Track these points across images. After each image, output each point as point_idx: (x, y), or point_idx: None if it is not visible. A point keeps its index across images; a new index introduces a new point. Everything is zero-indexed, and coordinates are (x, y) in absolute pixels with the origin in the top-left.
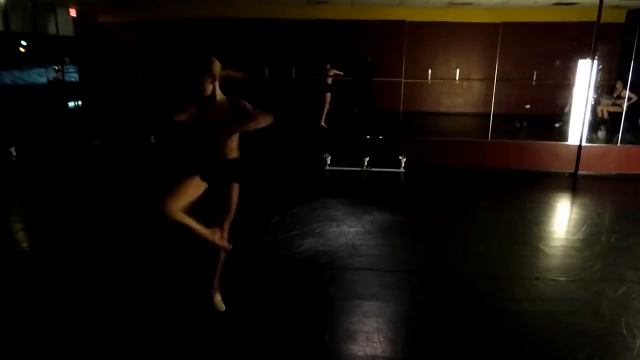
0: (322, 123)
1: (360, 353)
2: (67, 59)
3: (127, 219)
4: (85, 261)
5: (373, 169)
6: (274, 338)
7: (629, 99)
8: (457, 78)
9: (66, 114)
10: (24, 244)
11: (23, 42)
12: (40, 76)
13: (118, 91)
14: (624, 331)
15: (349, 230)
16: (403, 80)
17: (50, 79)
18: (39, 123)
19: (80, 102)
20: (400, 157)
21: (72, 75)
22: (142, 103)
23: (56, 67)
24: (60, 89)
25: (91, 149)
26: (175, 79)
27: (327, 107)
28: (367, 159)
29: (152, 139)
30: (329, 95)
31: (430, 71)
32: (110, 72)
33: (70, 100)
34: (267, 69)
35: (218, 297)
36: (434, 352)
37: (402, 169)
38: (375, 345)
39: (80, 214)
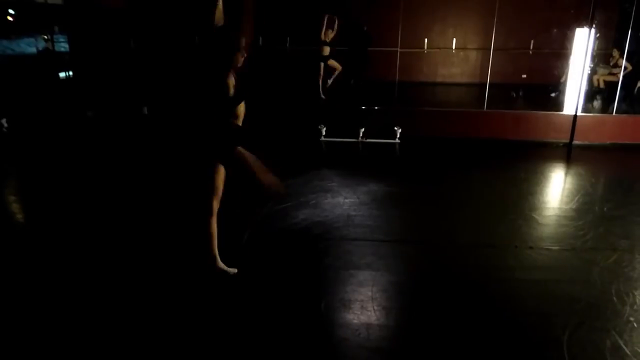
0: (322, 94)
1: (355, 321)
2: (56, 28)
3: (120, 192)
4: (78, 236)
5: (368, 140)
6: (270, 307)
7: (625, 68)
8: (453, 47)
9: (57, 85)
10: (16, 217)
11: (11, 11)
12: (29, 46)
13: (110, 61)
14: (614, 298)
15: (344, 201)
16: (399, 50)
17: (40, 48)
18: (29, 94)
19: (71, 73)
20: (395, 128)
21: (63, 45)
22: (135, 73)
23: (45, 37)
24: (50, 59)
25: (84, 121)
26: (168, 48)
27: (320, 77)
28: (363, 129)
29: (145, 110)
30: (322, 65)
31: (426, 40)
32: (102, 42)
33: (61, 71)
34: (260, 39)
35: (221, 264)
36: (428, 320)
37: (397, 140)
38: (369, 313)
39: (73, 186)
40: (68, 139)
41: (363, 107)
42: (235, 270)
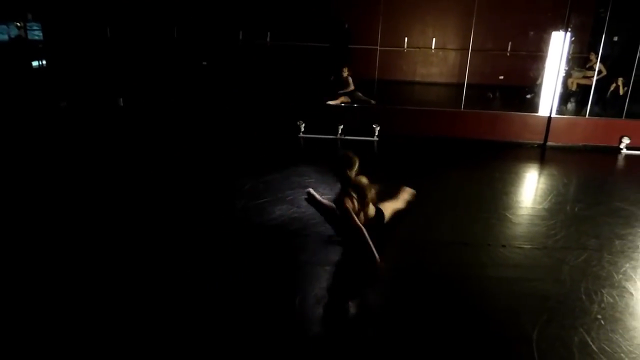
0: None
1: (330, 317)
2: (30, 16)
3: (94, 183)
4: (50, 229)
5: (347, 137)
6: (245, 302)
7: (599, 72)
8: (433, 47)
9: (30, 74)
10: None
11: None
12: (1, 33)
13: (85, 50)
14: (583, 296)
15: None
16: (379, 48)
17: (12, 36)
18: (1, 83)
19: (44, 62)
20: (374, 126)
21: (36, 33)
22: (111, 63)
23: (18, 24)
24: (23, 47)
25: (57, 111)
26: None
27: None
28: (341, 126)
29: (121, 102)
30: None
31: (406, 39)
32: (77, 30)
33: (34, 60)
34: (241, 33)
35: None
36: (401, 315)
37: (375, 138)
38: (344, 309)
39: (46, 178)
40: (40, 129)
41: (342, 104)
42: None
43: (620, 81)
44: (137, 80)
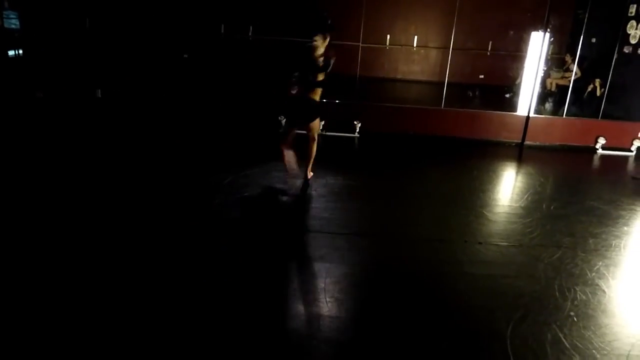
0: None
1: (307, 312)
2: (6, 3)
3: (69, 176)
4: (26, 223)
5: (328, 133)
6: (222, 297)
7: (575, 73)
8: (415, 45)
9: (5, 63)
10: None
11: None
12: None
13: (63, 40)
14: (557, 293)
15: (301, 193)
16: (361, 45)
17: None
18: None
19: (21, 51)
20: (355, 122)
21: (13, 22)
22: (89, 54)
23: None
24: None
25: (33, 102)
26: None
27: None
28: (322, 122)
29: (99, 93)
30: None
31: (388, 37)
32: (55, 20)
33: (10, 49)
34: (222, 26)
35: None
36: (378, 312)
37: (356, 134)
38: (321, 305)
39: (20, 170)
40: (15, 120)
41: (324, 100)
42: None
43: (597, 82)
44: (116, 72)
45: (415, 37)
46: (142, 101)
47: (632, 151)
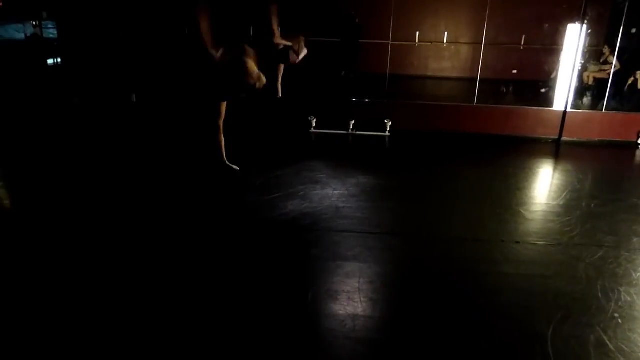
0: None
1: (342, 312)
2: (45, 14)
3: (106, 179)
4: (69, 224)
5: (358, 132)
6: (257, 298)
7: (615, 66)
8: (445, 41)
9: (45, 72)
10: (4, 205)
11: None
12: (17, 32)
13: (99, 48)
14: (599, 294)
15: (332, 193)
16: (390, 43)
17: (28, 34)
18: (17, 80)
19: (59, 59)
20: (385, 121)
21: (51, 32)
22: (123, 60)
23: (34, 23)
24: (38, 46)
25: (70, 108)
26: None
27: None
28: (353, 122)
29: (134, 98)
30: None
31: (418, 34)
32: (91, 29)
33: (49, 58)
34: (252, 30)
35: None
36: (413, 312)
37: (387, 133)
38: (356, 304)
39: (60, 174)
40: (54, 125)
41: (354, 99)
42: (238, 168)
43: (638, 75)
44: (150, 77)
45: (446, 33)
46: (176, 104)
47: None
